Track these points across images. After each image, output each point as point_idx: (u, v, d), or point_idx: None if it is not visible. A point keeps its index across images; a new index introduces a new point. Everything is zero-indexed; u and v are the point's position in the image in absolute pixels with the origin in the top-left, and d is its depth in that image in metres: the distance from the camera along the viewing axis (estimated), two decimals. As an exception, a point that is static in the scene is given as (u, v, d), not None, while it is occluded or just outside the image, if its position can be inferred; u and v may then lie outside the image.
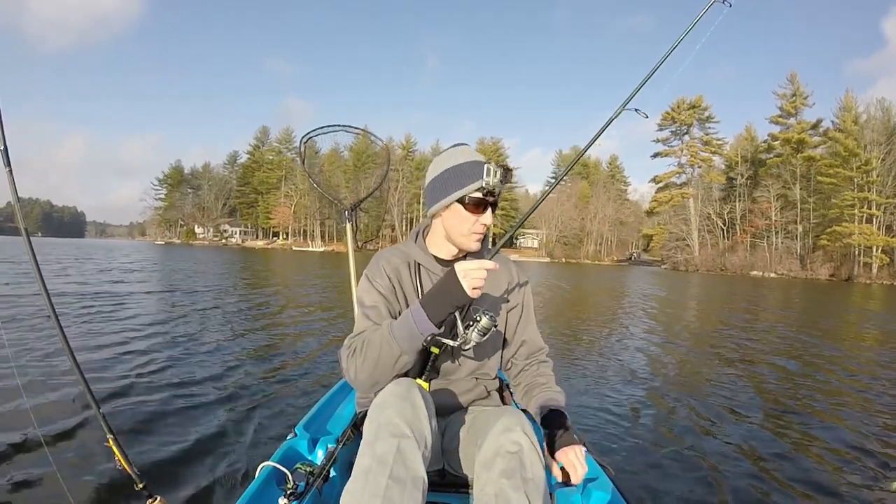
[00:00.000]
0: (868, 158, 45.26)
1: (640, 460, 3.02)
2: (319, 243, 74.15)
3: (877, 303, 19.61)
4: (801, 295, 22.93)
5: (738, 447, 3.33)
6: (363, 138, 73.95)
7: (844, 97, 49.72)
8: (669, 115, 63.99)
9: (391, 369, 1.33)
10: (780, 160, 53.59)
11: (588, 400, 4.22)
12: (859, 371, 6.04)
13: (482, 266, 1.26)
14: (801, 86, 54.27)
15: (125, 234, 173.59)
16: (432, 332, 1.29)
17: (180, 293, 10.87)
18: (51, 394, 3.57)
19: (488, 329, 1.31)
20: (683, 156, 64.48)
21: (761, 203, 54.85)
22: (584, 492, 1.43)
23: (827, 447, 3.40)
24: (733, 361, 6.30)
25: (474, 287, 1.26)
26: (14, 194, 1.48)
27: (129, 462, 1.49)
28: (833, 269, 46.81)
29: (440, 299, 1.29)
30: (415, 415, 1.17)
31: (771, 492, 2.70)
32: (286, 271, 21.86)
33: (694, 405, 4.24)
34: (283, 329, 7.06)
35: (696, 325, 10.25)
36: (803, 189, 51.43)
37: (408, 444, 1.12)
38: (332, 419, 1.92)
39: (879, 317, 13.82)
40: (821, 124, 52.39)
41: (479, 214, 1.41)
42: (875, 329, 11.00)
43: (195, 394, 3.83)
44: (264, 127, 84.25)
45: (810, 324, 11.28)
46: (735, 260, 53.11)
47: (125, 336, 5.85)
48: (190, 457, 2.72)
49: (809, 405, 4.45)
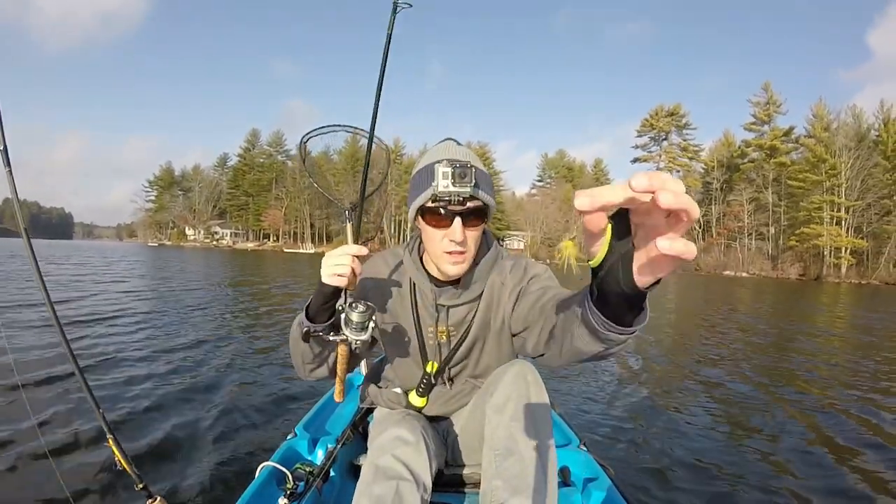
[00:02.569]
0: (836, 163, 46.16)
1: (640, 460, 2.98)
2: (310, 245, 73.73)
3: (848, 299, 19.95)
4: (780, 295, 23.21)
5: (739, 447, 3.29)
6: (352, 141, 74.08)
7: (816, 105, 50.73)
8: (648, 122, 64.84)
9: (299, 355, 1.24)
10: (754, 165, 54.52)
11: (588, 400, 4.19)
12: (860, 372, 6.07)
13: (344, 251, 1.08)
14: (774, 94, 55.44)
15: (113, 235, 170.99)
16: (307, 324, 1.15)
17: (180, 294, 10.69)
18: (51, 394, 3.50)
19: (361, 323, 1.10)
20: (661, 161, 65.27)
21: (734, 206, 55.68)
22: (584, 492, 1.43)
23: (826, 446, 3.36)
24: (726, 360, 6.35)
25: (332, 273, 1.07)
26: (14, 195, 1.43)
27: (128, 462, 1.45)
28: (802, 269, 47.60)
29: (316, 290, 1.13)
30: (415, 458, 1.14)
31: (771, 491, 2.67)
32: (282, 273, 21.59)
33: (694, 405, 4.22)
34: (282, 329, 6.94)
35: (684, 325, 10.25)
36: (775, 193, 52.37)
37: (406, 487, 1.09)
38: (332, 419, 1.90)
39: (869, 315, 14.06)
40: (793, 131, 53.42)
41: (444, 228, 1.15)
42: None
43: (195, 394, 3.77)
44: (255, 129, 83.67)
45: (801, 323, 11.42)
46: (709, 260, 53.73)
47: (125, 337, 5.75)
48: (190, 457, 2.68)
49: (806, 399, 4.49)
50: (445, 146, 1.25)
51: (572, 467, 1.56)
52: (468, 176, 1.03)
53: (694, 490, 2.64)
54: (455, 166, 1.05)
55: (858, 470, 2.99)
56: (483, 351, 1.38)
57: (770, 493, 2.66)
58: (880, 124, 47.72)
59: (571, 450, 1.65)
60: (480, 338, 1.36)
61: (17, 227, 1.43)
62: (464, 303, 1.32)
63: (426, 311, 1.34)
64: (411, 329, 1.36)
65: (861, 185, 45.99)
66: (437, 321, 1.34)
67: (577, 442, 1.70)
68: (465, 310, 1.33)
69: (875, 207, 46.02)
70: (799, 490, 2.69)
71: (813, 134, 49.17)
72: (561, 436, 1.76)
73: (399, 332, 1.36)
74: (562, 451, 1.62)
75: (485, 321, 1.33)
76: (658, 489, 2.61)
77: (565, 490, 1.43)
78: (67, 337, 1.50)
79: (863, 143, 46.75)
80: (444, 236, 1.16)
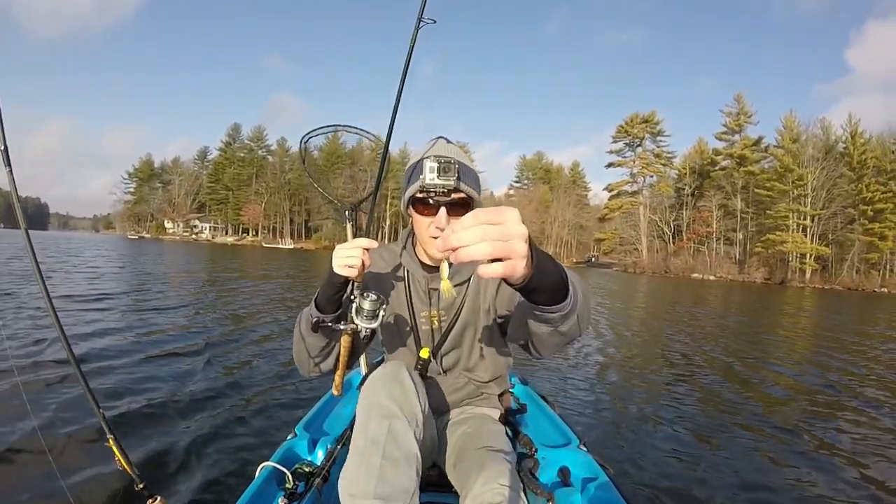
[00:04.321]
0: (802, 174, 47.46)
1: (640, 460, 2.99)
2: (289, 241, 72.96)
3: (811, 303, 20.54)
4: (751, 298, 23.73)
5: (738, 446, 3.32)
6: (333, 139, 73.32)
7: (786, 117, 52.04)
8: (623, 128, 65.63)
9: (305, 350, 1.28)
10: (724, 173, 55.71)
11: (588, 400, 4.21)
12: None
13: (355, 244, 1.16)
14: (746, 105, 56.75)
15: (89, 226, 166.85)
16: (317, 315, 1.21)
17: (177, 292, 10.39)
18: (51, 394, 3.41)
19: (373, 311, 1.19)
20: (635, 167, 66.16)
21: (704, 212, 56.86)
22: (584, 492, 1.42)
23: (826, 446, 3.43)
24: (720, 360, 6.48)
25: (343, 265, 1.14)
26: (14, 194, 1.40)
27: (129, 462, 1.42)
28: (768, 273, 48.78)
29: (324, 281, 1.20)
30: (404, 395, 1.16)
31: (771, 490, 2.70)
32: (274, 269, 21.23)
33: (694, 405, 4.26)
34: (282, 329, 6.82)
35: (680, 328, 10.28)
36: (743, 200, 53.57)
37: (399, 424, 1.11)
38: (332, 419, 1.87)
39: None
40: (762, 141, 54.64)
41: (431, 216, 1.25)
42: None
43: (195, 394, 3.70)
44: (236, 124, 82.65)
45: (799, 326, 11.71)
46: (678, 263, 54.77)
47: (125, 336, 5.59)
48: (190, 457, 2.64)
49: (803, 401, 4.59)
50: (436, 144, 1.34)
51: (572, 467, 1.55)
52: (451, 170, 1.09)
53: (694, 490, 2.65)
54: (440, 161, 1.10)
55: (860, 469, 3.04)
56: (475, 338, 1.44)
57: (770, 492, 2.69)
58: (847, 137, 49.11)
59: (571, 450, 1.64)
60: (471, 322, 1.42)
61: (18, 225, 1.40)
62: (453, 285, 1.35)
63: (419, 297, 1.42)
64: (405, 316, 1.43)
65: (827, 194, 47.37)
66: (430, 305, 1.41)
67: (577, 442, 1.69)
68: (455, 293, 1.37)
69: (840, 216, 47.47)
70: (799, 490, 2.72)
71: (781, 144, 50.46)
72: (561, 436, 1.76)
73: (394, 320, 1.44)
74: (562, 451, 1.62)
75: (474, 305, 1.41)
76: (658, 489, 2.62)
77: (565, 490, 1.42)
78: (67, 336, 1.46)
79: (830, 154, 48.16)
80: (431, 223, 1.25)
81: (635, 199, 65.23)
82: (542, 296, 0.80)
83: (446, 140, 1.37)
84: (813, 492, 2.74)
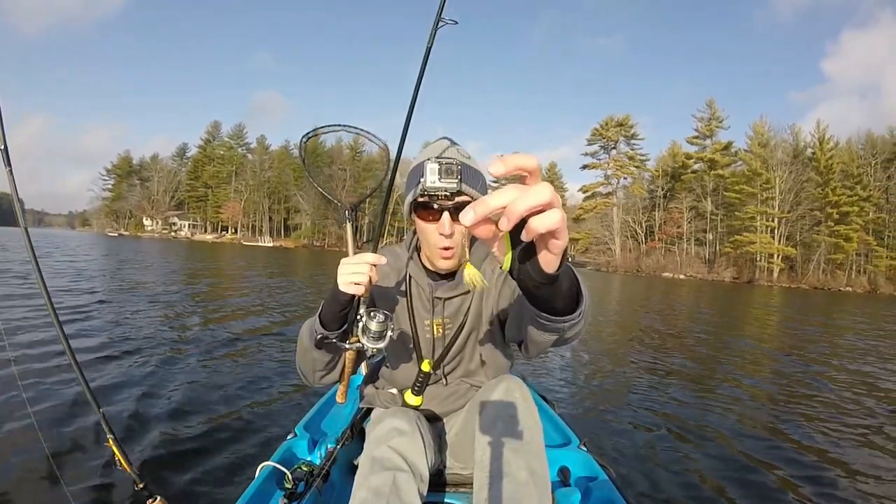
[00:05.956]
0: (771, 178, 48.63)
1: (640, 460, 2.97)
2: (268, 239, 71.96)
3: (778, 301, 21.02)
4: (722, 294, 24.14)
5: (738, 446, 3.31)
6: (314, 138, 72.76)
7: (756, 123, 53.10)
8: (598, 131, 66.29)
9: (310, 363, 1.23)
10: (695, 176, 56.75)
11: (588, 400, 4.20)
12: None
13: (362, 259, 1.08)
14: (717, 110, 57.84)
15: (64, 223, 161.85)
16: (321, 332, 1.15)
17: (175, 292, 10.10)
18: (51, 394, 3.34)
19: (380, 332, 1.12)
20: (609, 169, 66.84)
21: (675, 213, 57.85)
22: (583, 492, 1.43)
23: (827, 447, 3.41)
24: (717, 360, 6.52)
25: (349, 282, 1.06)
26: (15, 194, 1.37)
27: (129, 462, 1.41)
28: (736, 272, 49.79)
29: (328, 297, 1.13)
30: (412, 449, 1.14)
31: (771, 490, 2.70)
32: (265, 268, 20.85)
33: (695, 405, 4.24)
34: (282, 328, 6.71)
35: (673, 326, 10.29)
36: (713, 202, 54.61)
37: (403, 478, 1.09)
38: (332, 419, 1.87)
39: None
40: (732, 146, 55.73)
41: (434, 222, 1.19)
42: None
43: (195, 394, 3.65)
44: (216, 121, 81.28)
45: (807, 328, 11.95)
46: (650, 263, 55.58)
47: (125, 335, 5.44)
48: (190, 457, 2.60)
49: (800, 400, 4.60)
50: (439, 145, 1.28)
51: (572, 467, 1.56)
52: (454, 172, 1.00)
53: (694, 490, 2.64)
54: (442, 163, 1.03)
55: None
56: (477, 343, 1.39)
57: (770, 490, 2.70)
58: (815, 143, 50.39)
59: (571, 450, 1.64)
60: (475, 329, 1.37)
61: (19, 225, 1.38)
62: (459, 294, 1.34)
63: (421, 304, 1.36)
64: (407, 324, 1.37)
65: (794, 197, 48.59)
66: (434, 314, 1.35)
67: (577, 442, 1.68)
68: (460, 301, 1.35)
69: (807, 218, 48.64)
70: (798, 489, 2.73)
71: (750, 149, 51.66)
72: (561, 436, 1.76)
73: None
74: (562, 451, 1.62)
75: (479, 311, 1.35)
76: (658, 489, 2.61)
77: (565, 490, 1.43)
78: (67, 336, 1.44)
79: (798, 159, 49.44)
80: (435, 230, 1.20)
81: (609, 200, 65.90)
82: (557, 302, 0.74)
83: (451, 141, 1.31)
84: (813, 489, 2.74)
